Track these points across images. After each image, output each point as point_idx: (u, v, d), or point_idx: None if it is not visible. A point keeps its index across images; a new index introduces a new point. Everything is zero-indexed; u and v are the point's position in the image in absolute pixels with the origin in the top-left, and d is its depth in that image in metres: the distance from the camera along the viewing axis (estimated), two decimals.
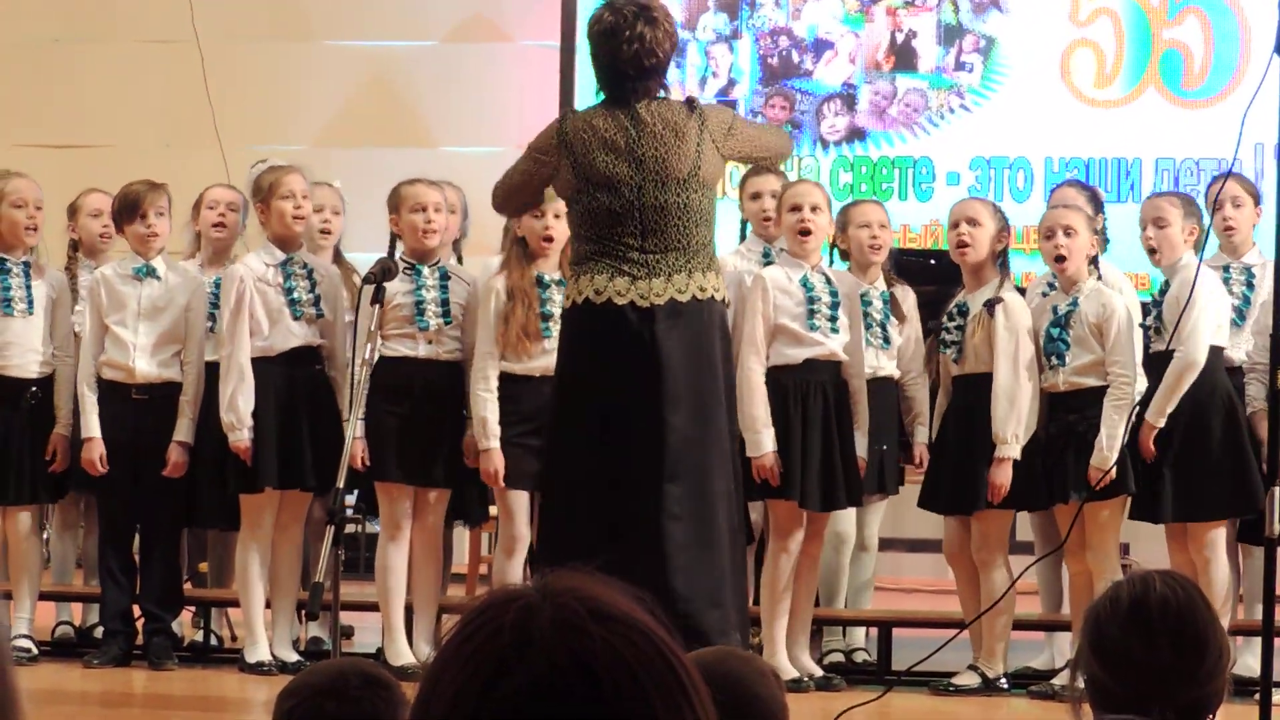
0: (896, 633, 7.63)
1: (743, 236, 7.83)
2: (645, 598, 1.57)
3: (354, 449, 6.98)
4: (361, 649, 7.87)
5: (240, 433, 7.26)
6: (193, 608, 8.15)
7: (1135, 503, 7.07)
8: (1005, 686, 7.13)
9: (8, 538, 7.69)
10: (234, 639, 8.13)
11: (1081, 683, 2.97)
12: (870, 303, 7.34)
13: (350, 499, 5.97)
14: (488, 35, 11.64)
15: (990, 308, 7.05)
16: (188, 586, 7.99)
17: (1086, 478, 6.85)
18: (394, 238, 7.42)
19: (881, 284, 7.49)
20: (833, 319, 7.10)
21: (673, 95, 6.36)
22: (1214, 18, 10.17)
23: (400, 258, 7.30)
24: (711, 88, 10.69)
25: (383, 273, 6.34)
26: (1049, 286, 7.34)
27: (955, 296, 7.27)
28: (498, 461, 7.14)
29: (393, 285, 7.14)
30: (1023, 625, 7.74)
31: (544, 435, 6.51)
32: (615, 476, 6.00)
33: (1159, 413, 6.94)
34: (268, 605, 7.48)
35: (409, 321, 7.26)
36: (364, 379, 6.07)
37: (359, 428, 7.07)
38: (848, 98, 10.58)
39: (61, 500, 7.97)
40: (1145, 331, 7.10)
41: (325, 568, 5.67)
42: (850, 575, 7.78)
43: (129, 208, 7.54)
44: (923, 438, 7.47)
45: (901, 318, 7.51)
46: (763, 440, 6.98)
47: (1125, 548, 8.33)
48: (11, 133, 11.53)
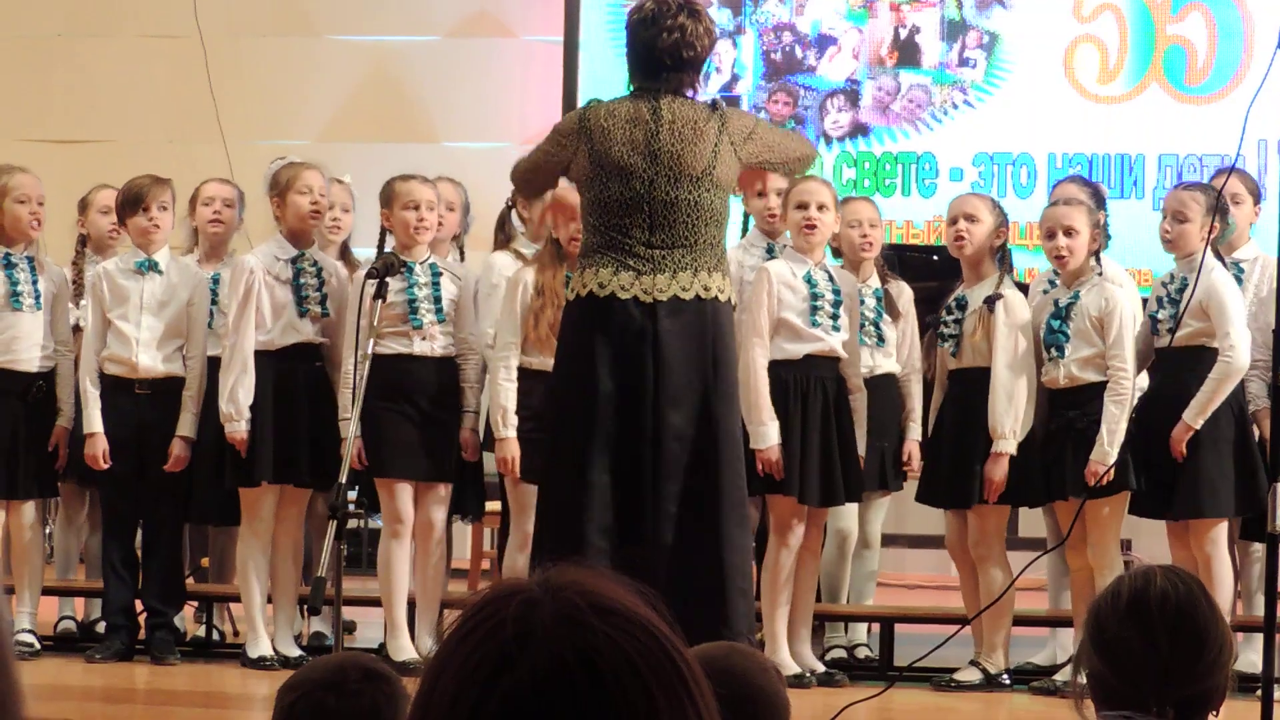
0: (899, 628, 7.64)
1: (744, 231, 7.83)
2: (647, 592, 1.57)
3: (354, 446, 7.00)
4: (363, 644, 7.87)
5: (238, 424, 7.26)
6: (195, 603, 8.16)
7: (1142, 500, 7.07)
8: (1007, 682, 7.13)
9: (10, 532, 7.70)
10: (236, 634, 8.14)
11: (1083, 678, 2.97)
12: (863, 300, 7.34)
13: (352, 494, 5.96)
14: (491, 30, 11.63)
15: (990, 304, 7.06)
16: (190, 581, 8.00)
17: (1087, 474, 6.85)
18: (384, 232, 7.42)
19: (875, 281, 7.49)
20: (834, 316, 7.10)
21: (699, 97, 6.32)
22: (1217, 14, 10.16)
23: (391, 252, 7.31)
24: (715, 83, 10.68)
25: (385, 268, 6.34)
26: (1050, 284, 7.34)
27: (954, 291, 7.28)
28: (514, 450, 7.14)
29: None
30: (1025, 621, 7.74)
31: (544, 428, 6.48)
32: (613, 472, 5.99)
33: (1199, 414, 6.91)
34: (269, 600, 7.48)
35: (402, 319, 7.26)
36: (363, 375, 6.07)
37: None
38: (851, 93, 10.57)
39: (63, 494, 7.98)
40: (1155, 324, 7.09)
41: (327, 563, 5.68)
42: (853, 571, 7.78)
43: (132, 200, 7.55)
44: (915, 435, 7.48)
45: (896, 314, 7.51)
46: (768, 432, 6.98)
47: (1127, 544, 8.32)
48: (15, 127, 11.53)
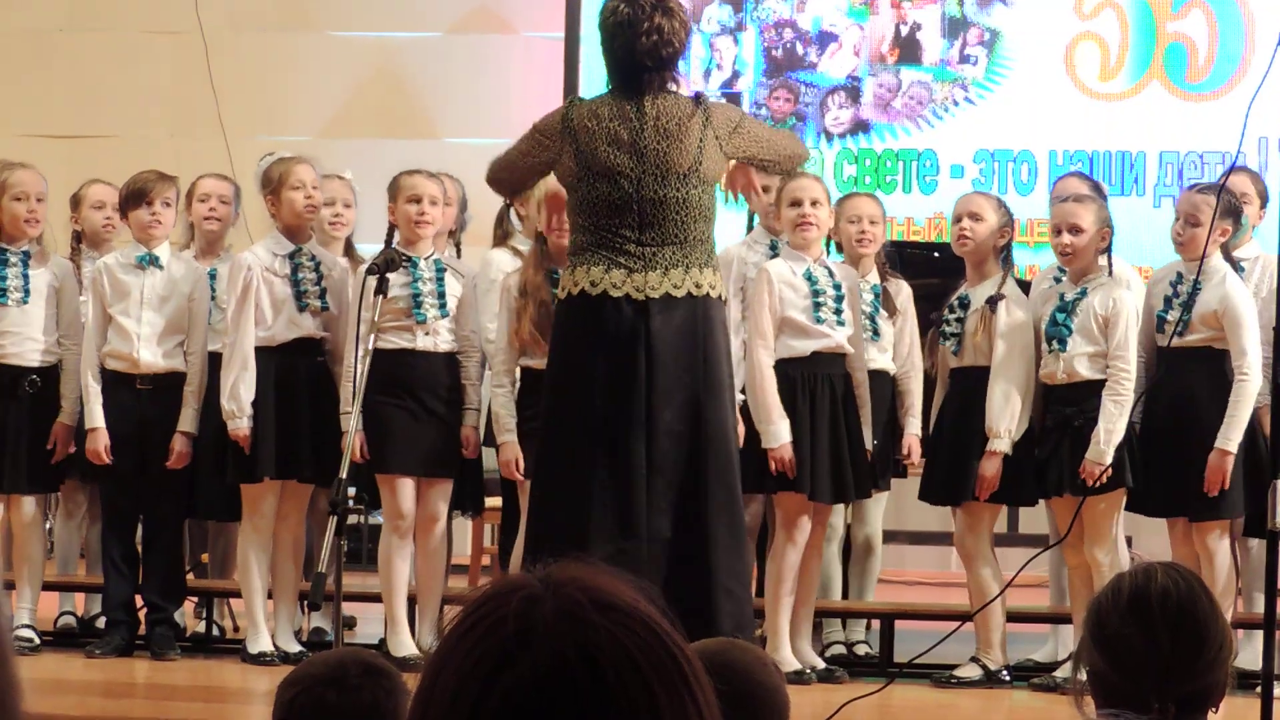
0: (899, 625, 7.64)
1: (750, 227, 7.83)
2: (647, 588, 1.57)
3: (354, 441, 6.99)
4: (364, 640, 7.87)
5: (239, 421, 7.26)
6: (195, 598, 8.16)
7: (1149, 500, 7.06)
8: (1007, 679, 7.13)
9: (11, 527, 7.70)
10: (236, 629, 8.13)
11: (1083, 675, 2.97)
12: (860, 296, 7.34)
13: (352, 490, 5.96)
14: (492, 26, 11.64)
15: (993, 304, 7.06)
16: (190, 577, 7.99)
17: (1083, 472, 6.84)
18: (392, 227, 7.42)
19: (874, 277, 7.49)
20: (838, 311, 7.10)
21: (681, 89, 6.32)
22: (1218, 11, 10.16)
23: (395, 247, 7.31)
24: (716, 80, 10.68)
25: (386, 264, 6.34)
26: (1054, 280, 7.33)
27: (957, 289, 7.28)
28: (515, 453, 7.15)
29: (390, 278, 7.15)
30: (1025, 618, 7.75)
31: (539, 426, 6.46)
32: (607, 469, 5.99)
33: (1232, 438, 6.88)
34: (269, 596, 7.48)
35: (406, 314, 7.26)
36: (364, 370, 6.07)
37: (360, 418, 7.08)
38: (852, 90, 10.57)
39: (64, 489, 7.97)
40: (1161, 324, 7.07)
41: (327, 558, 5.68)
42: (856, 574, 7.79)
43: (136, 194, 7.54)
44: (914, 429, 7.47)
45: (892, 311, 7.51)
46: (778, 431, 6.97)
47: (1128, 541, 8.31)
48: (16, 122, 11.53)
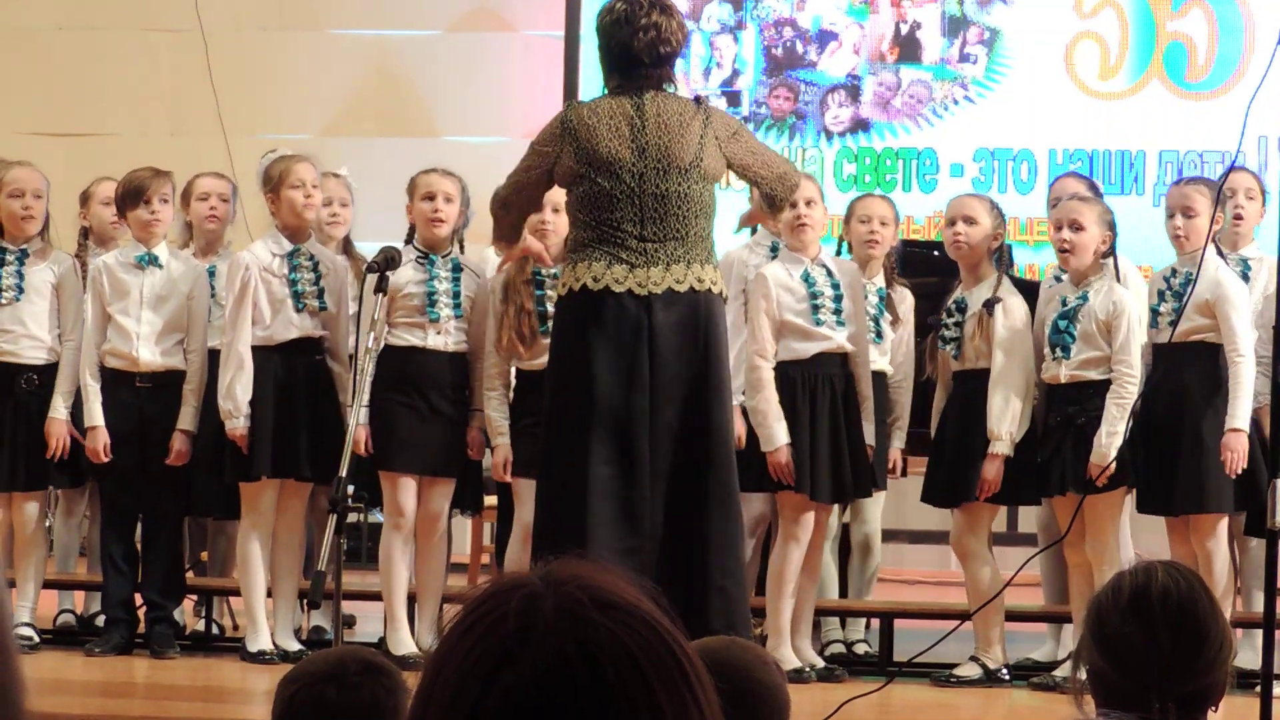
0: (898, 624, 7.64)
1: (753, 230, 7.82)
2: (649, 586, 1.57)
3: (357, 436, 7.00)
4: (363, 638, 7.87)
5: (237, 420, 7.26)
6: (194, 596, 8.16)
7: (1144, 497, 7.07)
8: (1006, 678, 7.13)
9: (13, 525, 7.70)
10: (235, 628, 8.14)
11: (1083, 674, 2.97)
12: (865, 297, 7.34)
13: (352, 488, 5.96)
14: (492, 25, 11.64)
15: (990, 307, 7.07)
16: (189, 575, 7.99)
17: (1085, 473, 6.85)
18: (412, 227, 7.43)
19: (880, 280, 7.49)
20: (837, 311, 7.10)
21: (679, 90, 6.34)
22: (1218, 10, 10.16)
23: (414, 245, 7.32)
24: (716, 78, 10.69)
25: (386, 261, 6.33)
26: (1055, 280, 7.33)
27: (953, 291, 7.28)
28: (507, 454, 7.17)
29: (405, 274, 7.17)
30: (1024, 617, 7.75)
31: (541, 423, 6.46)
32: (609, 466, 6.00)
33: (1241, 417, 6.87)
34: (269, 594, 7.48)
35: (419, 311, 7.26)
36: (366, 368, 6.07)
37: (362, 415, 7.09)
38: (852, 89, 10.57)
39: (71, 487, 7.97)
40: (1155, 318, 7.09)
41: (327, 556, 5.68)
42: (855, 572, 7.79)
43: (133, 193, 7.54)
44: (899, 442, 7.48)
45: (896, 318, 7.51)
46: (776, 434, 6.98)
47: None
48: (16, 120, 11.53)
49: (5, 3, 11.95)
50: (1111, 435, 6.83)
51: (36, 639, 7.57)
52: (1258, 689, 5.23)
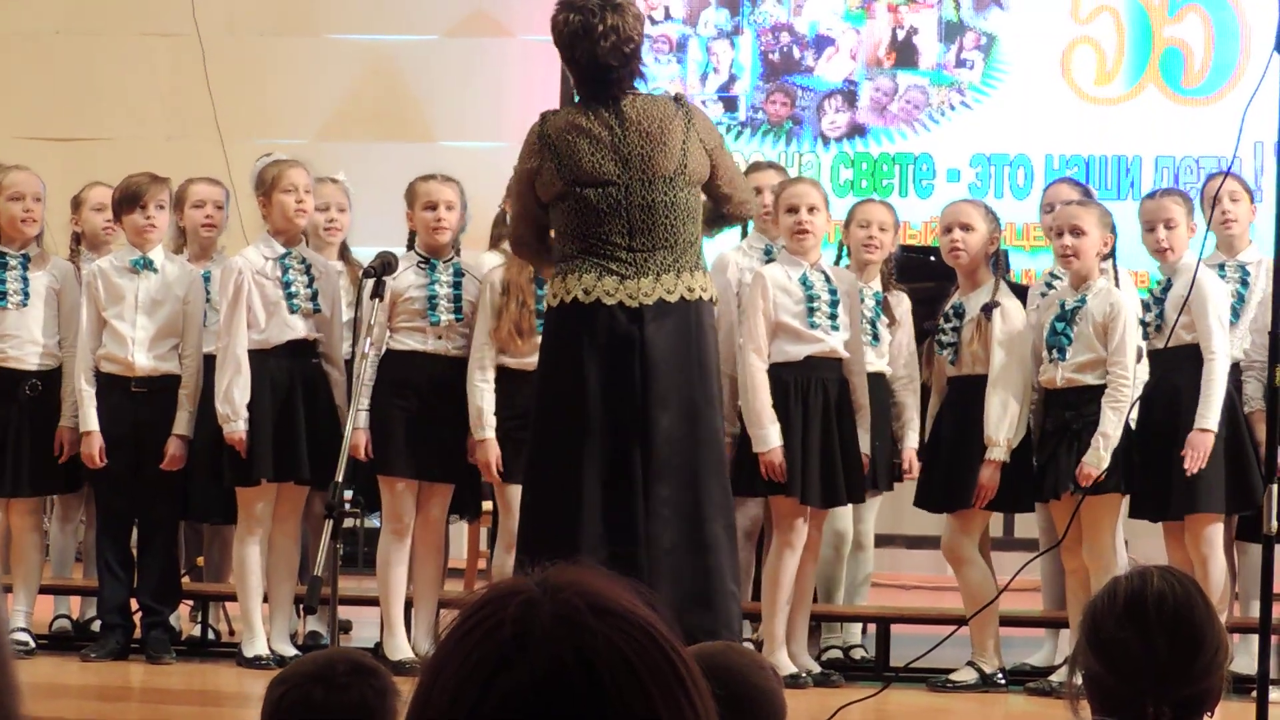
0: (894, 629, 7.64)
1: (744, 233, 7.83)
2: (645, 592, 1.57)
3: (356, 440, 7.00)
4: (359, 644, 7.86)
5: (235, 424, 7.26)
6: (190, 601, 8.15)
7: (1136, 500, 7.08)
8: (1003, 683, 7.13)
9: (10, 530, 7.69)
10: (231, 633, 8.13)
11: (1079, 679, 2.97)
12: (862, 300, 7.34)
13: (349, 494, 5.96)
14: (489, 30, 11.64)
15: (987, 312, 7.07)
16: (185, 580, 7.99)
17: (1080, 475, 6.85)
18: (412, 233, 7.43)
19: (877, 285, 7.49)
20: (833, 316, 7.11)
21: (662, 89, 6.32)
22: (1214, 15, 10.17)
23: (415, 251, 7.32)
24: (713, 84, 10.69)
25: (383, 266, 6.33)
26: (1047, 286, 7.34)
27: (950, 297, 7.29)
28: (493, 452, 7.15)
29: (406, 278, 7.17)
30: (1021, 622, 7.75)
31: (528, 432, 6.43)
32: (602, 477, 5.98)
33: (1211, 416, 6.89)
34: (265, 599, 7.48)
35: (420, 315, 7.26)
36: (364, 372, 6.07)
37: (361, 419, 7.09)
38: (849, 94, 10.58)
39: (66, 492, 7.97)
40: (1144, 328, 7.11)
41: (323, 562, 5.67)
42: (848, 572, 7.79)
43: (129, 198, 7.54)
44: (912, 443, 7.48)
45: (893, 320, 7.52)
46: (769, 435, 6.98)
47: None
48: (13, 125, 11.52)
49: (2, 6, 11.95)
50: (1107, 440, 6.83)
51: (32, 644, 7.57)
52: (1254, 694, 5.23)
